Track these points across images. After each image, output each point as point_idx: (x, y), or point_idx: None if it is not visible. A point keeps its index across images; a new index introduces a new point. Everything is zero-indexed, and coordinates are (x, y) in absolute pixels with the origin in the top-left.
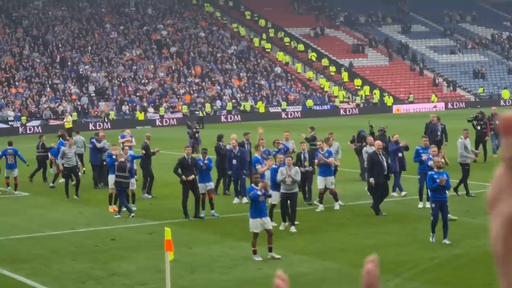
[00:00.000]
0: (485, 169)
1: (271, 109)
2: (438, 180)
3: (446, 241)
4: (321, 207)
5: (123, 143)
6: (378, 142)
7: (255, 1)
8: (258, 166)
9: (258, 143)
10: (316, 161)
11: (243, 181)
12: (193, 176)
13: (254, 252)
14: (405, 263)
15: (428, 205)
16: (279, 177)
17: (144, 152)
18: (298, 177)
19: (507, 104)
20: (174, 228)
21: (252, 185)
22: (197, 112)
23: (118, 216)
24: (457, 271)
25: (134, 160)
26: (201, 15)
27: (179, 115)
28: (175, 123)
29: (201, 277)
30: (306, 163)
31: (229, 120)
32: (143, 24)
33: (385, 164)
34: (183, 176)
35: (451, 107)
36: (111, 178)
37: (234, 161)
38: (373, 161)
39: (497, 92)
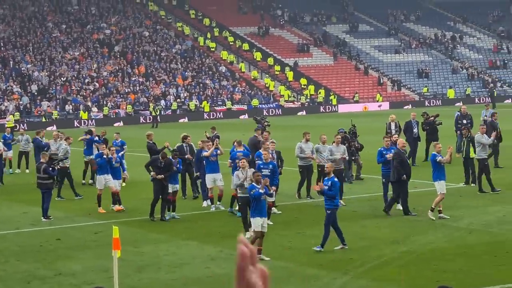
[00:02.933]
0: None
1: (216, 108)
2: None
3: (337, 248)
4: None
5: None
6: (402, 140)
7: (200, 0)
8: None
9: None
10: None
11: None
12: (162, 176)
13: (259, 252)
14: (353, 261)
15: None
16: (235, 181)
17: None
18: None
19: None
20: (120, 227)
21: (253, 183)
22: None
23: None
24: (404, 268)
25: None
26: (145, 14)
27: (123, 114)
28: (121, 124)
29: (148, 276)
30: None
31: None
32: (86, 23)
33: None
34: (153, 173)
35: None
36: (100, 179)
37: (205, 162)
38: (401, 158)
39: (441, 92)
